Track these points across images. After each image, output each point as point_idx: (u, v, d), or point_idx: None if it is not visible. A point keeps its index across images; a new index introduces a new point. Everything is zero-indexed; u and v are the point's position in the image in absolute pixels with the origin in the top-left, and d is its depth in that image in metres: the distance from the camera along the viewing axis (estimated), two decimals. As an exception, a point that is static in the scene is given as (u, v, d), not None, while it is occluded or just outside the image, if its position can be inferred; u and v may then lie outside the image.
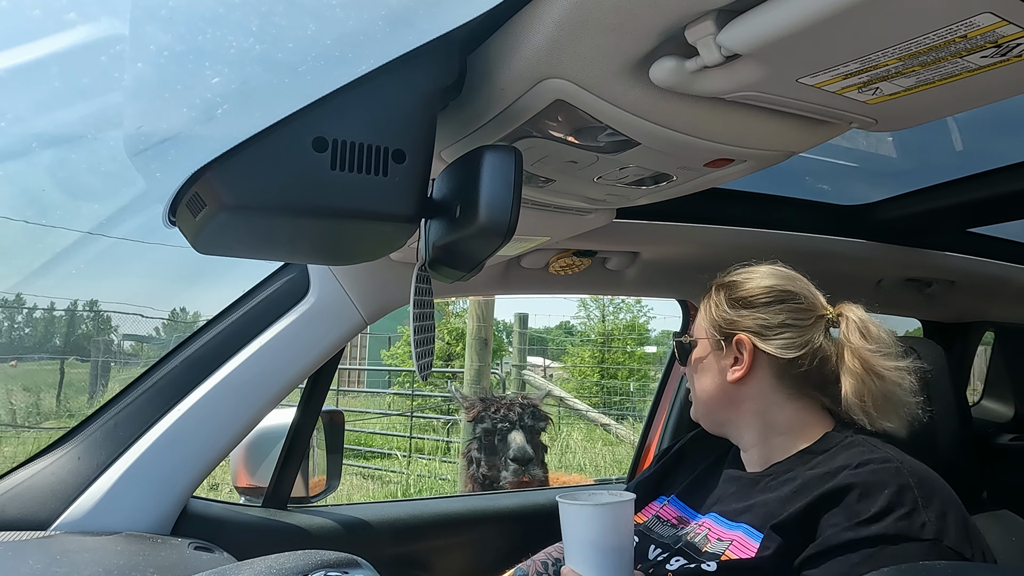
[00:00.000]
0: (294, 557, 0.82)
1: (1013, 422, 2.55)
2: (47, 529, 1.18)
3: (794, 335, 1.18)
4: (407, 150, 0.74)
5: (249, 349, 1.36)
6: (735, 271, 1.28)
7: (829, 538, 1.01)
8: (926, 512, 0.99)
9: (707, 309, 1.26)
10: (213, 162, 0.70)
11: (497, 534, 1.80)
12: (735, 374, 1.20)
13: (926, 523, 0.98)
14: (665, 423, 2.15)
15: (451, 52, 0.78)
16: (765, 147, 0.89)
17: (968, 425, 1.48)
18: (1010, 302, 2.19)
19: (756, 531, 1.09)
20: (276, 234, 0.80)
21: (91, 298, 16.61)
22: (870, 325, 1.18)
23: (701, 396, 1.27)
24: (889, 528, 0.98)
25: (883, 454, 1.08)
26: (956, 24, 0.58)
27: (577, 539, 1.06)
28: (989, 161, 1.54)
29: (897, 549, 0.97)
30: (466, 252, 0.80)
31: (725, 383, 1.22)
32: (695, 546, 1.16)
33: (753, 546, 1.07)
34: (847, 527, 1.00)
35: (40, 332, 14.45)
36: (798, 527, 1.04)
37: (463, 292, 2.28)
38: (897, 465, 1.05)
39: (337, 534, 1.55)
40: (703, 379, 1.26)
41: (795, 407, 1.20)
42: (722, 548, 1.11)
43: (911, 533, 0.98)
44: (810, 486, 1.07)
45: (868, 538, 0.98)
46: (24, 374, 11.90)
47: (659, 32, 0.66)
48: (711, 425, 1.29)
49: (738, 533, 1.12)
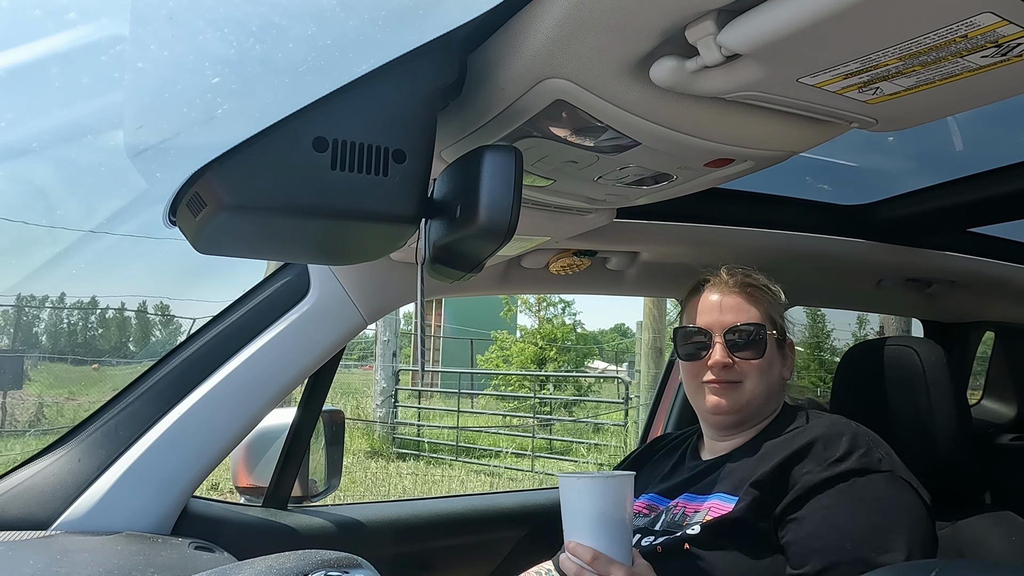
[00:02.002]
0: (294, 557, 0.82)
1: (1014, 422, 2.55)
2: (47, 529, 1.18)
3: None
4: (407, 150, 0.74)
5: (249, 349, 1.36)
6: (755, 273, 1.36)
7: (806, 482, 1.14)
8: (878, 451, 1.18)
9: (765, 307, 1.32)
10: (213, 162, 0.70)
11: (497, 534, 1.80)
12: (789, 373, 1.35)
13: (881, 459, 1.16)
14: (667, 418, 2.16)
15: (451, 52, 0.78)
16: (765, 147, 0.89)
17: (968, 425, 1.48)
18: (1010, 302, 2.18)
19: (729, 495, 1.20)
20: (276, 234, 0.80)
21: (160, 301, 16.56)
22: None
23: (765, 388, 1.29)
24: (855, 464, 1.14)
25: (833, 417, 1.25)
26: (956, 24, 0.58)
27: (582, 512, 1.08)
28: (989, 161, 1.54)
29: (865, 480, 1.14)
30: (466, 252, 0.80)
31: (783, 381, 1.34)
32: (674, 523, 1.24)
33: (728, 507, 1.18)
34: (820, 470, 1.14)
35: (114, 335, 14.53)
36: (772, 483, 1.16)
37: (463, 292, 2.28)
38: (846, 422, 1.23)
39: (337, 534, 1.55)
40: (771, 372, 1.31)
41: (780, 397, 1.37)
42: (701, 516, 1.20)
43: (872, 466, 1.15)
44: (774, 451, 1.21)
45: (840, 474, 1.14)
46: (107, 378, 11.97)
47: (659, 32, 0.66)
48: (745, 418, 1.29)
49: (713, 501, 1.22)
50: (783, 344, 1.34)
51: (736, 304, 1.30)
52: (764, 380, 1.28)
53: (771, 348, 1.29)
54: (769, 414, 1.32)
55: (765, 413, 1.31)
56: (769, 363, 1.29)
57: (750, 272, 1.35)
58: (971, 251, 1.91)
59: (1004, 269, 1.96)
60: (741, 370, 1.27)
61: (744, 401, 1.28)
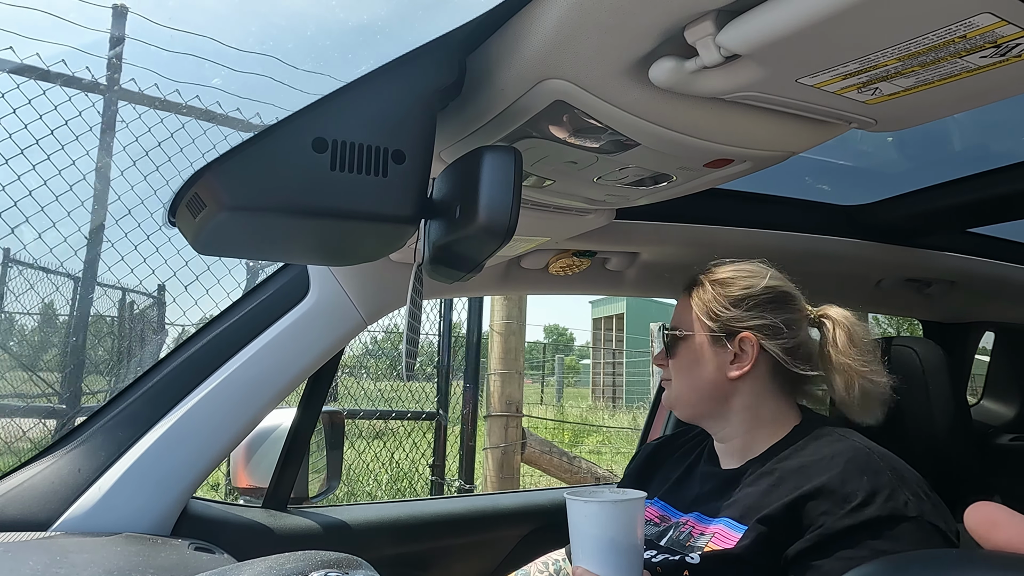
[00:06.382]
0: (294, 557, 0.82)
1: (1013, 422, 2.55)
2: (47, 529, 1.18)
3: (791, 335, 1.24)
4: (407, 150, 0.74)
5: (249, 349, 1.36)
6: (724, 266, 1.30)
7: (827, 528, 1.04)
8: (904, 492, 1.06)
9: (701, 303, 1.28)
10: (213, 162, 0.70)
11: (497, 534, 1.80)
12: (736, 371, 1.23)
13: (908, 501, 1.05)
14: (667, 416, 2.16)
15: (451, 52, 0.78)
16: (765, 147, 0.89)
17: (968, 425, 1.48)
18: (1010, 302, 2.18)
19: (737, 523, 1.13)
20: (276, 234, 0.80)
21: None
22: (856, 328, 1.24)
23: (689, 388, 1.29)
24: (881, 510, 1.03)
25: (852, 443, 1.14)
26: (955, 24, 0.58)
27: (592, 537, 1.04)
28: (989, 161, 1.54)
29: (892, 532, 1.03)
30: (466, 252, 0.80)
31: (723, 378, 1.24)
32: (679, 542, 1.19)
33: (734, 537, 1.11)
34: (843, 515, 1.04)
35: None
36: (783, 519, 1.08)
37: (463, 292, 2.28)
38: (867, 451, 1.11)
39: (337, 534, 1.55)
40: (695, 372, 1.27)
41: (779, 402, 1.26)
42: (704, 541, 1.15)
43: (899, 512, 1.03)
44: (788, 478, 1.12)
45: (864, 523, 1.03)
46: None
47: (658, 32, 0.66)
48: (690, 415, 1.31)
49: (719, 526, 1.15)
50: (730, 340, 1.24)
51: (679, 304, 1.34)
52: (688, 379, 1.28)
53: (693, 347, 1.27)
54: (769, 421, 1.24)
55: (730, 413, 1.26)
56: (693, 362, 1.27)
57: (721, 264, 1.31)
58: (971, 251, 1.91)
59: (1004, 269, 1.96)
60: (671, 369, 1.31)
61: (672, 398, 1.31)
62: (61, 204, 4.07)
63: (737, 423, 1.26)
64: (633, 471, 1.49)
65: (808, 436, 1.19)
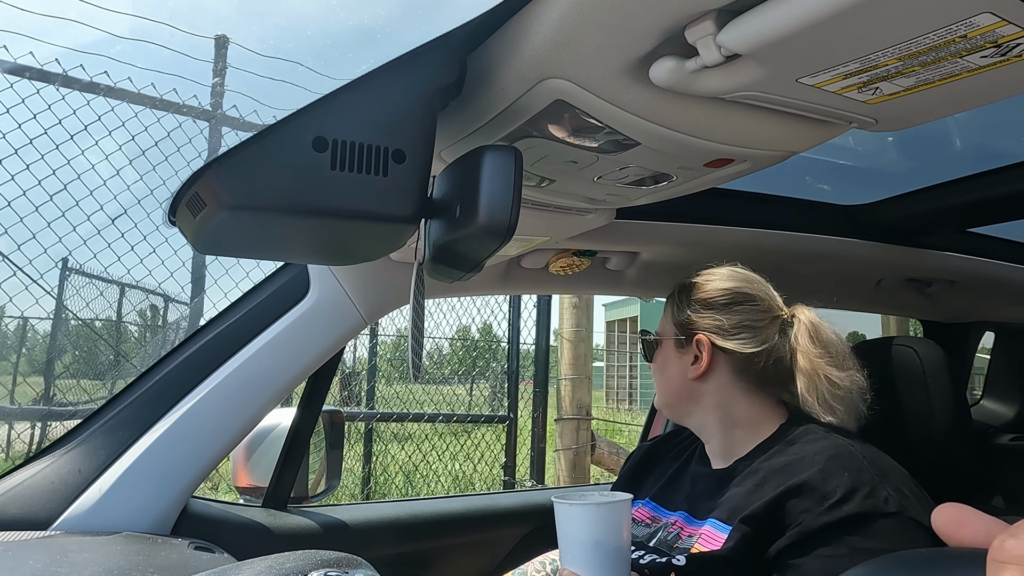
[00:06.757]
0: (294, 557, 0.82)
1: (1013, 422, 2.55)
2: (47, 529, 1.18)
3: (751, 335, 1.25)
4: (407, 150, 0.74)
5: (249, 349, 1.36)
6: (697, 274, 1.34)
7: (806, 525, 1.06)
8: (885, 488, 1.06)
9: (670, 310, 1.35)
10: (213, 162, 0.70)
11: (497, 534, 1.80)
12: (695, 372, 1.27)
13: (888, 498, 1.05)
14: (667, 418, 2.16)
15: (451, 52, 0.78)
16: (765, 147, 0.89)
17: (968, 425, 1.48)
18: (1010, 302, 2.18)
19: (724, 524, 1.14)
20: (276, 234, 0.80)
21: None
22: (821, 330, 1.25)
23: (662, 390, 1.36)
24: (859, 507, 1.04)
25: (834, 440, 1.15)
26: (956, 24, 0.58)
27: (578, 540, 1.05)
28: (989, 161, 1.54)
29: (870, 528, 1.04)
30: (466, 252, 0.80)
31: (686, 380, 1.29)
32: (667, 543, 1.22)
33: (721, 538, 1.12)
34: (821, 512, 1.05)
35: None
36: (765, 518, 1.09)
37: (463, 292, 2.28)
38: (850, 448, 1.12)
39: (337, 534, 1.55)
40: (666, 375, 1.34)
41: (752, 401, 1.27)
42: (691, 543, 1.16)
43: (878, 509, 1.04)
44: (772, 477, 1.13)
45: (842, 520, 1.04)
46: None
47: (659, 32, 0.66)
48: (675, 415, 1.37)
49: (706, 527, 1.17)
50: (688, 343, 1.28)
51: (664, 309, 1.40)
52: (660, 382, 1.36)
53: (662, 351, 1.35)
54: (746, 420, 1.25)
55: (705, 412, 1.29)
56: (663, 365, 1.34)
57: (702, 269, 1.34)
58: (971, 251, 1.91)
59: (1004, 269, 1.96)
60: (654, 373, 1.38)
61: (656, 400, 1.39)
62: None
63: (712, 423, 1.29)
64: (628, 471, 1.51)
65: (794, 434, 1.20)
